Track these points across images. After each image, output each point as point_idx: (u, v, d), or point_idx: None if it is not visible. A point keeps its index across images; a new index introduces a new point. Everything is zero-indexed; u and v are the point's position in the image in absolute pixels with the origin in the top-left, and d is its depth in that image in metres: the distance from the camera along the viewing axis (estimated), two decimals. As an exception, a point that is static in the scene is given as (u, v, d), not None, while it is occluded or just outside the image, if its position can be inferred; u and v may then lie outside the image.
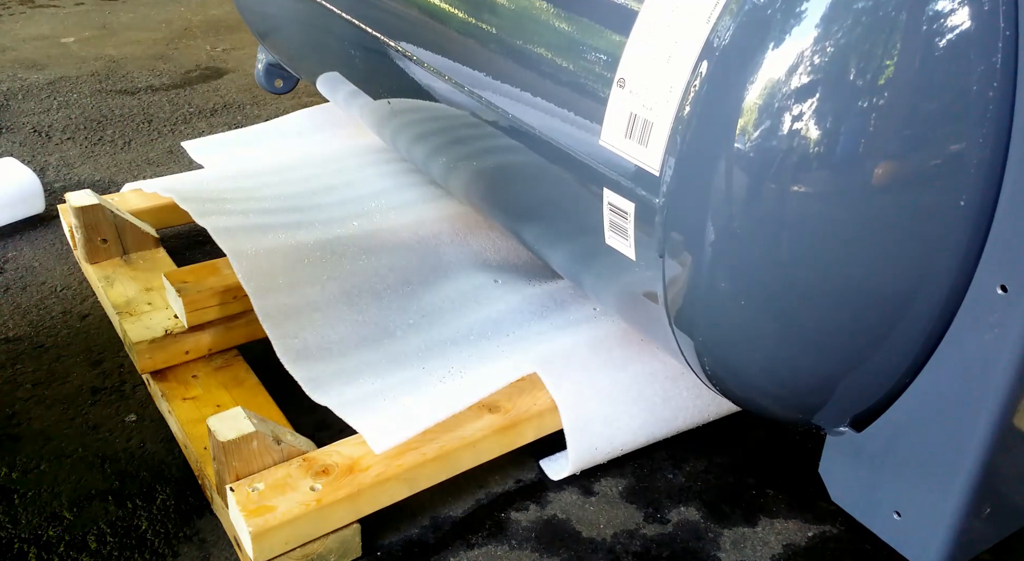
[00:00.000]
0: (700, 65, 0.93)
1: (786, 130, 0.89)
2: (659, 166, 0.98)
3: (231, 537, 1.33)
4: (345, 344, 1.52)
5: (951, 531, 1.09)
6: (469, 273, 1.70)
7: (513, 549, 1.34)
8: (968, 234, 0.95)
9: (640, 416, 1.44)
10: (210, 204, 1.80)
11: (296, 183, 1.98)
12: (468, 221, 1.84)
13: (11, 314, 1.86)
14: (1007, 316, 0.95)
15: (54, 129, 2.74)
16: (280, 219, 1.78)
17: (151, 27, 3.79)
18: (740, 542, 1.36)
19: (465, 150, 1.48)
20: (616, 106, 1.03)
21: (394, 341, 1.54)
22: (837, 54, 0.87)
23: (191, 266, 1.68)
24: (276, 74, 2.52)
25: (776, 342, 1.03)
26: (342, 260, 1.66)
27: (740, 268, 0.97)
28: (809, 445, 1.54)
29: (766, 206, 0.92)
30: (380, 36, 1.57)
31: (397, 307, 1.60)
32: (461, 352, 1.52)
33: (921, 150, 0.91)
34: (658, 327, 1.12)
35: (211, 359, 1.62)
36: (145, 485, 1.45)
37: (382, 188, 1.95)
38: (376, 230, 1.77)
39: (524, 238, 1.47)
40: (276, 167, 2.07)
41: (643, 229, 1.04)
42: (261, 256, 1.63)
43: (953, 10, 0.87)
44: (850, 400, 1.12)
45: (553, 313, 1.62)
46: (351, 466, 1.29)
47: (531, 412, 1.41)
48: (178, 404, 1.51)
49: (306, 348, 1.49)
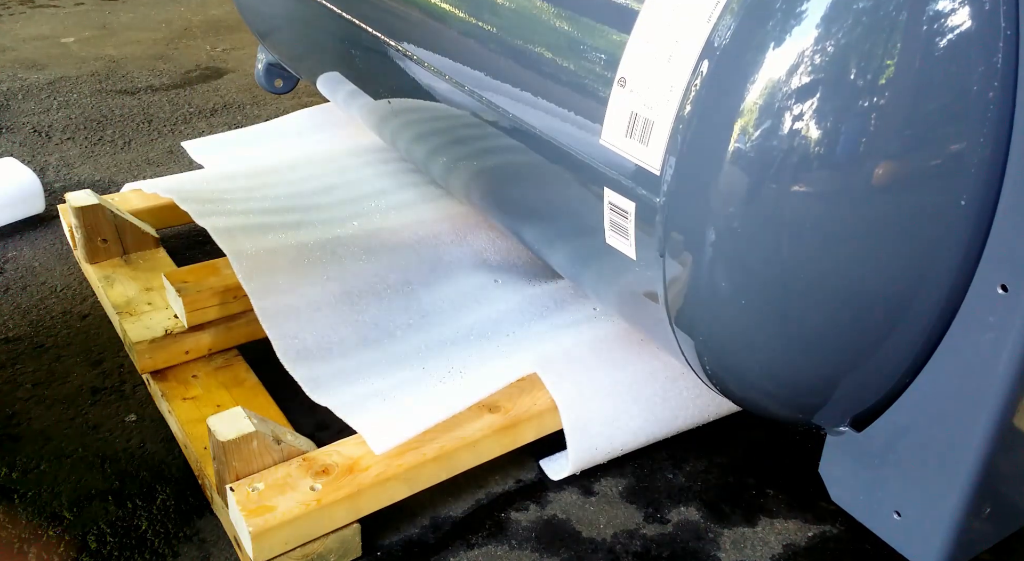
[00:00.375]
0: (701, 64, 0.93)
1: (787, 130, 0.89)
2: (660, 165, 0.98)
3: (231, 537, 1.33)
4: (345, 344, 1.52)
5: (951, 531, 1.09)
6: (469, 273, 1.70)
7: (513, 549, 1.34)
8: (969, 234, 0.95)
9: (640, 416, 1.44)
10: (210, 205, 1.79)
11: (296, 183, 1.98)
12: (468, 221, 1.83)
13: (11, 314, 1.86)
14: (1007, 316, 0.95)
15: (54, 129, 2.74)
16: (280, 219, 1.78)
17: (151, 27, 3.79)
18: (740, 542, 1.36)
19: (465, 150, 1.48)
20: (617, 105, 1.03)
21: (394, 341, 1.54)
22: (838, 54, 0.87)
23: (191, 266, 1.68)
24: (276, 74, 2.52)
25: (776, 342, 1.03)
26: (342, 260, 1.66)
27: (740, 268, 0.97)
28: (809, 445, 1.54)
29: (766, 206, 0.92)
30: (380, 35, 1.57)
31: (398, 307, 1.60)
32: (461, 352, 1.52)
33: (922, 150, 0.91)
34: (658, 327, 1.12)
35: (211, 359, 1.62)
36: (145, 485, 1.44)
37: (382, 188, 1.95)
38: (376, 230, 1.77)
39: (524, 238, 1.47)
40: (276, 167, 2.07)
41: (644, 228, 1.04)
42: (261, 256, 1.62)
43: (953, 10, 0.87)
44: (850, 400, 1.12)
45: (553, 313, 1.61)
46: (351, 466, 1.29)
47: (531, 412, 1.41)
48: (178, 404, 1.51)
49: (306, 348, 1.49)
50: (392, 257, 1.70)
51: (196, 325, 1.60)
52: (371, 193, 1.93)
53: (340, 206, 1.87)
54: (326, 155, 2.13)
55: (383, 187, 1.96)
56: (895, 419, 1.11)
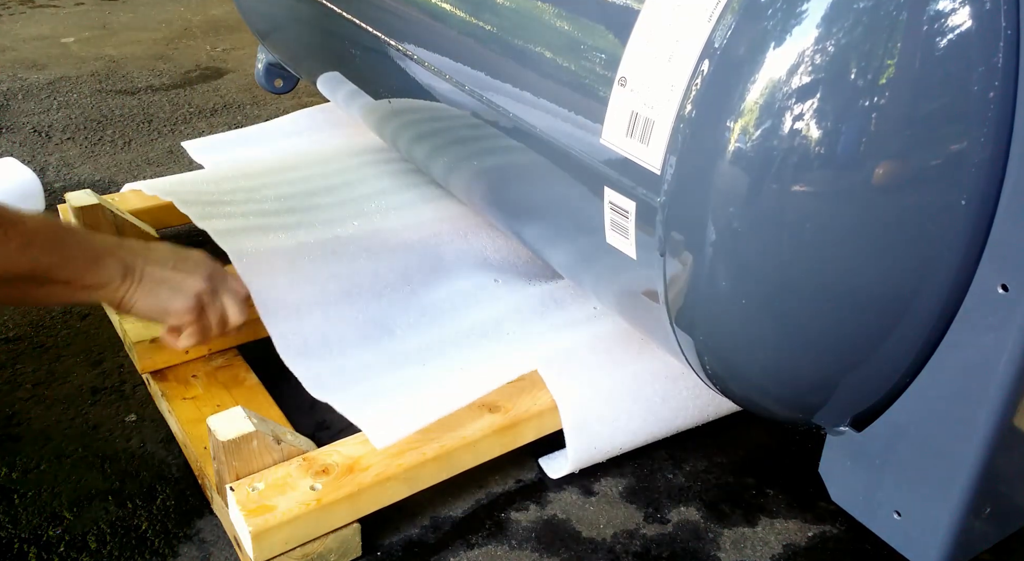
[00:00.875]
0: (701, 64, 0.93)
1: (787, 129, 0.89)
2: (660, 165, 0.98)
3: (231, 537, 1.33)
4: (346, 343, 1.52)
5: (951, 531, 1.09)
6: (469, 272, 1.70)
7: (513, 549, 1.34)
8: (969, 234, 0.95)
9: (640, 415, 1.44)
10: (210, 207, 1.80)
11: (296, 183, 1.98)
12: (468, 221, 1.84)
13: (11, 314, 1.86)
14: (1008, 316, 0.95)
15: (54, 129, 2.74)
16: (280, 221, 1.78)
17: (151, 27, 3.79)
18: (740, 542, 1.36)
19: (465, 150, 1.48)
20: (617, 105, 1.03)
21: (395, 340, 1.54)
22: (838, 54, 0.87)
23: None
24: (276, 74, 2.52)
25: (776, 342, 1.03)
26: (342, 260, 1.67)
27: (741, 267, 0.97)
28: (809, 445, 1.54)
29: (767, 205, 0.92)
30: (380, 35, 1.57)
31: (398, 306, 1.60)
32: (461, 350, 1.52)
33: (922, 150, 0.91)
34: (658, 326, 1.12)
35: (211, 359, 1.62)
36: (145, 485, 1.44)
37: (382, 188, 1.96)
38: (376, 230, 1.77)
39: (525, 237, 1.47)
40: (276, 167, 2.07)
41: (644, 228, 1.04)
42: (262, 256, 1.63)
43: (954, 10, 0.87)
44: (850, 400, 1.12)
45: (553, 312, 1.62)
46: (351, 466, 1.29)
47: (531, 412, 1.41)
48: (178, 404, 1.51)
49: (307, 346, 1.49)
50: (392, 257, 1.70)
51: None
52: (371, 193, 1.93)
53: (340, 206, 1.87)
54: (326, 155, 2.14)
55: (383, 187, 1.96)
56: (895, 419, 1.11)
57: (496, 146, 1.35)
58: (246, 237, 1.67)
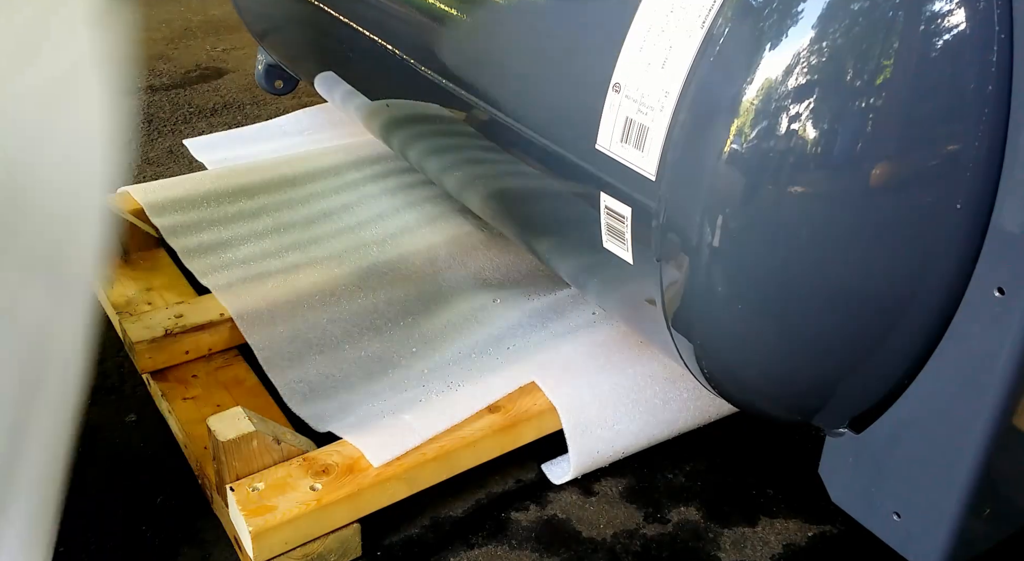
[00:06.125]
0: (695, 69, 0.93)
1: (783, 131, 0.89)
2: (655, 170, 0.98)
3: (231, 537, 1.33)
4: (350, 381, 1.53)
5: (951, 531, 1.09)
6: (468, 295, 1.71)
7: (513, 549, 1.35)
8: (965, 236, 0.95)
9: (640, 419, 1.44)
10: (212, 257, 1.81)
11: (295, 206, 1.99)
12: (465, 243, 1.85)
13: (12, 314, 1.86)
14: (1004, 318, 0.95)
15: (55, 129, 2.74)
16: (279, 262, 1.79)
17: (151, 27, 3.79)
18: (740, 542, 1.36)
19: (460, 155, 1.48)
20: (612, 111, 1.03)
21: (397, 369, 1.55)
22: (833, 55, 0.87)
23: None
24: (276, 75, 2.52)
25: (774, 344, 1.03)
26: (341, 301, 1.68)
27: (737, 270, 0.97)
28: (809, 445, 1.54)
29: (763, 208, 0.92)
30: (377, 38, 1.57)
31: (399, 339, 1.61)
32: (461, 369, 1.53)
33: (918, 151, 0.91)
34: (656, 330, 1.12)
35: (211, 359, 1.62)
36: (145, 485, 1.45)
37: (379, 212, 1.97)
38: (374, 265, 1.79)
39: (521, 242, 1.47)
40: (277, 182, 2.07)
41: (640, 233, 1.04)
42: (263, 309, 1.64)
43: (949, 11, 0.87)
44: (849, 402, 1.12)
45: (552, 322, 1.62)
46: (351, 466, 1.30)
47: (531, 412, 1.41)
48: (178, 404, 1.51)
49: (312, 391, 1.51)
50: (390, 291, 1.72)
51: (197, 325, 1.60)
52: (369, 219, 1.94)
53: (338, 237, 1.88)
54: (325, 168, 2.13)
55: (381, 210, 1.97)
56: (894, 420, 1.11)
57: (490, 152, 1.35)
58: (246, 291, 1.69)
